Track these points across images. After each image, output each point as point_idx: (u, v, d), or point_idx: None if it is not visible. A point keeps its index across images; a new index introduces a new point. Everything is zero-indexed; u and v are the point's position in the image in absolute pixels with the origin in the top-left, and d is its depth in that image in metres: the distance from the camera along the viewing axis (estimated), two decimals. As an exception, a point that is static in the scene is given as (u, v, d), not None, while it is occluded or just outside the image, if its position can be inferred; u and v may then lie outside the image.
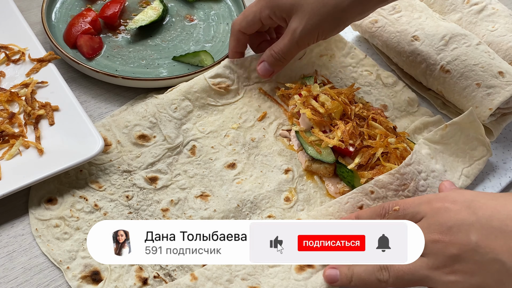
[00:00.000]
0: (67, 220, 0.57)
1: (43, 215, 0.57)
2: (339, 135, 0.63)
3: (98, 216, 0.58)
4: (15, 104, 0.65)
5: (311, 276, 0.54)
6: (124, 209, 0.59)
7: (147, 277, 0.54)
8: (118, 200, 0.60)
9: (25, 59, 0.70)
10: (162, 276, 0.55)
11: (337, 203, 0.59)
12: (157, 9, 0.79)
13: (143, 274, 0.54)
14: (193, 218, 0.59)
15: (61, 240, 0.56)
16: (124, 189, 0.61)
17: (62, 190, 0.60)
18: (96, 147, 0.60)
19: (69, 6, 0.80)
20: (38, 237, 0.56)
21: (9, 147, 0.61)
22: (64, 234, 0.57)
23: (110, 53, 0.75)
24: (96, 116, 0.69)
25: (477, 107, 0.70)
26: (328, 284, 0.53)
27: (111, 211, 0.59)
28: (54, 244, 0.56)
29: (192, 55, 0.75)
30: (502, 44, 0.78)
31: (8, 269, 0.55)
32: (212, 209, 0.60)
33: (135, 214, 0.59)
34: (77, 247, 0.56)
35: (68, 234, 0.57)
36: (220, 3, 0.86)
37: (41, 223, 0.57)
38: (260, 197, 0.62)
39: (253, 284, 0.54)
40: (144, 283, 0.54)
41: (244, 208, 0.61)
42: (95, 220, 0.58)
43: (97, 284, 0.53)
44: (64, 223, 0.57)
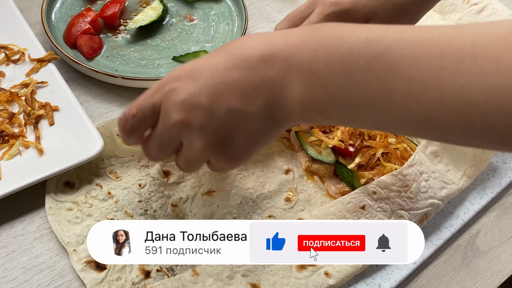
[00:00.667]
0: (80, 206, 0.58)
1: (59, 196, 0.58)
2: (339, 135, 0.63)
3: (110, 204, 0.59)
4: (15, 104, 0.65)
5: (312, 274, 0.55)
6: (135, 197, 0.60)
7: (150, 270, 0.55)
8: (131, 188, 0.60)
9: (25, 59, 0.70)
10: (164, 270, 0.55)
11: (339, 203, 0.59)
12: (157, 9, 0.79)
13: (146, 267, 0.55)
14: (197, 216, 0.59)
15: (72, 223, 0.57)
16: (138, 178, 0.61)
17: (81, 176, 0.60)
18: (96, 147, 0.60)
19: (69, 6, 0.80)
20: (51, 215, 0.57)
21: (9, 147, 0.61)
22: (75, 218, 0.57)
23: (110, 53, 0.75)
24: (96, 116, 0.69)
25: (477, 107, 0.70)
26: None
27: (122, 199, 0.59)
28: (65, 225, 0.57)
29: (192, 55, 0.75)
30: (502, 44, 0.78)
31: (8, 269, 0.55)
32: (215, 205, 0.61)
33: (145, 203, 0.60)
34: (86, 232, 0.56)
35: (80, 219, 0.57)
36: (220, 3, 0.86)
37: (55, 203, 0.58)
38: (262, 196, 0.62)
39: (254, 281, 0.54)
40: (146, 276, 0.54)
41: (246, 206, 0.61)
42: (106, 208, 0.58)
43: (101, 272, 0.54)
44: (77, 208, 0.58)
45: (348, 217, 0.59)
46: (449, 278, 0.61)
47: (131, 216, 0.58)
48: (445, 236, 0.62)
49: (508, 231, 0.66)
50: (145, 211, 0.59)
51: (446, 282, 0.61)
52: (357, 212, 0.59)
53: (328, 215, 0.59)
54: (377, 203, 0.59)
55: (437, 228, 0.63)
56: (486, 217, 0.67)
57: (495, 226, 0.66)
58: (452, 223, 0.64)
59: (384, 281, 0.58)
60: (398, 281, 0.58)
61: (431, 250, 0.61)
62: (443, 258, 0.63)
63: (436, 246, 0.61)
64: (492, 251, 0.64)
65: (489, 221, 0.67)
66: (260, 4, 0.91)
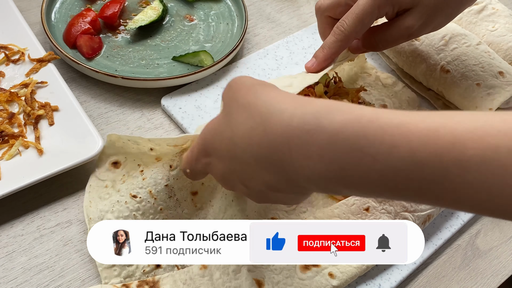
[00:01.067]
0: (116, 183, 0.58)
1: (102, 175, 0.59)
2: None
3: (138, 181, 0.57)
4: (15, 104, 0.65)
5: (316, 275, 0.55)
6: (162, 178, 0.57)
7: None
8: (160, 168, 0.58)
9: (25, 59, 0.70)
10: None
11: (343, 205, 0.59)
12: (157, 9, 0.79)
13: None
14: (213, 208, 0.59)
15: (102, 199, 0.57)
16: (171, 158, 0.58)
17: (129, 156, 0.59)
18: (96, 147, 0.60)
19: (69, 6, 0.80)
20: (88, 192, 0.57)
21: (9, 147, 0.61)
22: (106, 194, 0.57)
23: (110, 53, 0.75)
24: (96, 116, 0.69)
25: (477, 107, 0.70)
26: None
27: (149, 177, 0.57)
28: (94, 201, 0.57)
29: (192, 55, 0.75)
30: (502, 44, 0.78)
31: (7, 269, 0.55)
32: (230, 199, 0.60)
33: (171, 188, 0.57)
34: (108, 207, 0.56)
35: (109, 195, 0.57)
36: (220, 3, 0.86)
37: (96, 182, 0.58)
38: None
39: (258, 277, 0.54)
40: (157, 266, 0.55)
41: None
42: (133, 183, 0.57)
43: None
44: (112, 185, 0.58)
45: (352, 219, 0.59)
46: (449, 278, 0.61)
47: (155, 198, 0.57)
48: (445, 236, 0.62)
49: (508, 231, 0.66)
50: (169, 197, 0.58)
51: (446, 282, 0.61)
52: (361, 214, 0.59)
53: (332, 217, 0.59)
54: (381, 205, 0.59)
55: (437, 228, 0.63)
56: (486, 217, 0.67)
57: (495, 226, 0.66)
58: (452, 223, 0.64)
59: (384, 281, 0.58)
60: (398, 281, 0.58)
61: (431, 250, 0.61)
62: (443, 258, 0.63)
63: (436, 246, 0.62)
64: (492, 251, 0.64)
65: (489, 221, 0.67)
66: (260, 4, 0.91)
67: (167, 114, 0.71)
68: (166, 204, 0.57)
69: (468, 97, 0.71)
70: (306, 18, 0.90)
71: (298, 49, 0.81)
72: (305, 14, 0.91)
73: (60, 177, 0.61)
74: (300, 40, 0.83)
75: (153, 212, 0.57)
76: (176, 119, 0.69)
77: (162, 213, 0.57)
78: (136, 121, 0.70)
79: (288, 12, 0.90)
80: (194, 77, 0.73)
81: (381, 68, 0.82)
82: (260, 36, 0.85)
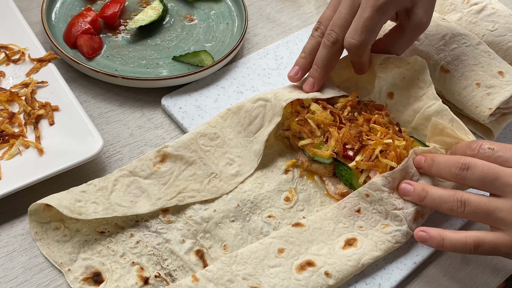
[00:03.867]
0: (66, 222, 0.57)
1: (43, 217, 0.56)
2: (332, 145, 0.62)
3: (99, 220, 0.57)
4: (15, 104, 0.65)
5: (312, 275, 0.55)
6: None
7: (148, 277, 0.54)
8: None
9: (25, 59, 0.70)
10: (163, 276, 0.55)
11: (335, 208, 0.60)
12: (157, 9, 0.80)
13: (144, 273, 0.54)
14: (193, 219, 0.59)
15: (61, 242, 0.56)
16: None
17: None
18: (96, 147, 0.60)
19: (69, 6, 0.80)
20: (38, 240, 0.56)
21: (9, 147, 0.61)
22: (64, 236, 0.56)
23: (110, 53, 0.75)
24: (96, 116, 0.69)
25: (477, 107, 0.70)
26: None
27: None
28: (54, 246, 0.55)
29: (192, 55, 0.75)
30: (502, 44, 0.78)
31: (8, 269, 0.55)
32: (212, 209, 0.60)
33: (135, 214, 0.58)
34: (77, 249, 0.55)
35: (68, 236, 0.56)
36: (220, 3, 0.86)
37: (40, 226, 0.56)
38: (260, 197, 0.62)
39: (254, 284, 0.54)
40: (145, 283, 0.54)
41: (244, 208, 0.61)
42: (94, 221, 0.57)
43: (99, 285, 0.53)
44: (64, 226, 0.56)
45: (345, 222, 0.59)
46: (449, 278, 0.61)
47: (122, 228, 0.57)
48: (445, 236, 0.62)
49: (508, 231, 0.66)
50: (136, 222, 0.58)
51: (446, 282, 0.61)
52: (353, 216, 0.59)
53: (324, 220, 0.59)
54: (371, 205, 0.59)
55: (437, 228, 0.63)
56: (486, 217, 0.67)
57: (495, 226, 0.66)
58: (453, 222, 0.64)
59: (384, 281, 0.58)
60: (398, 280, 0.58)
61: (431, 250, 0.61)
62: (443, 258, 0.63)
63: (436, 245, 0.61)
64: (492, 251, 0.64)
65: (489, 221, 0.67)
66: (260, 4, 0.91)
67: (167, 113, 0.71)
68: (136, 229, 0.58)
69: (468, 96, 0.71)
70: (306, 18, 0.90)
71: (298, 49, 0.81)
72: (305, 14, 0.91)
73: (60, 177, 0.61)
74: (300, 40, 0.83)
75: (125, 239, 0.57)
76: (176, 118, 0.70)
77: (134, 237, 0.57)
78: (136, 121, 0.70)
79: (288, 12, 0.90)
80: (194, 77, 0.73)
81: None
82: (260, 36, 0.85)
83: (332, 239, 0.58)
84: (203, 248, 0.57)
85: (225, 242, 0.58)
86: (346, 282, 0.57)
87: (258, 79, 0.76)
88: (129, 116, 0.70)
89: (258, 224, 0.60)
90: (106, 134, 0.68)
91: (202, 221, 0.59)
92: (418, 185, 0.59)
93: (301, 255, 0.56)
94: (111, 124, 0.69)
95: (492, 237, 0.53)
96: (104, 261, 0.55)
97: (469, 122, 0.75)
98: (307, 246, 0.57)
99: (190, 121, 0.69)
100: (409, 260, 0.60)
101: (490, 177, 0.53)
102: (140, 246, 0.56)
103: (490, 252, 0.53)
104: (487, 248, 0.53)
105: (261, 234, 0.60)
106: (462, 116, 0.76)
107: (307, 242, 0.57)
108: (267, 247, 0.56)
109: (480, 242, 0.53)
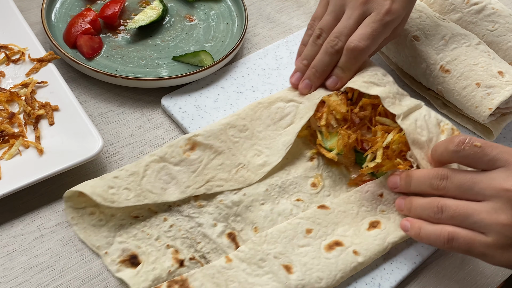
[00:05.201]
0: (101, 208, 0.58)
1: (78, 203, 0.58)
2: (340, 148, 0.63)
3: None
4: (15, 104, 0.65)
5: (341, 253, 0.56)
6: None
7: (183, 259, 0.56)
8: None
9: (25, 59, 0.70)
10: (197, 258, 0.56)
11: (358, 192, 0.62)
12: (157, 9, 0.80)
13: (179, 256, 0.56)
14: (224, 203, 0.60)
15: (97, 226, 0.57)
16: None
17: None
18: (96, 147, 0.60)
19: (69, 6, 0.80)
20: (75, 225, 0.57)
21: (9, 147, 0.61)
22: (99, 221, 0.57)
23: (110, 53, 0.75)
24: (96, 116, 0.69)
25: (477, 107, 0.70)
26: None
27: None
28: (91, 230, 0.57)
29: (192, 55, 0.75)
30: (502, 44, 0.78)
31: (8, 269, 0.55)
32: (242, 193, 0.61)
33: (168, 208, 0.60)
34: (113, 232, 0.57)
35: (104, 221, 0.57)
36: (220, 3, 0.86)
37: (76, 212, 0.58)
38: (287, 182, 0.63)
39: (286, 262, 0.55)
40: (181, 265, 0.56)
41: (273, 192, 0.62)
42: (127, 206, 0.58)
43: (136, 267, 0.55)
44: (99, 211, 0.58)
45: (367, 205, 0.61)
46: (449, 278, 0.61)
47: (156, 212, 0.59)
48: (445, 236, 0.62)
49: (508, 231, 0.66)
50: (168, 207, 0.59)
51: (446, 282, 0.61)
52: (375, 200, 0.61)
53: (348, 203, 0.61)
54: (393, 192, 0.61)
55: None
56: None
57: (495, 226, 0.66)
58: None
59: (384, 281, 0.58)
60: (398, 280, 0.58)
61: (431, 250, 0.61)
62: (443, 258, 0.63)
63: (436, 245, 0.62)
64: (492, 251, 0.64)
65: (489, 221, 0.67)
66: (260, 4, 0.91)
67: (167, 113, 0.71)
68: (169, 213, 0.59)
69: (468, 96, 0.71)
70: (306, 18, 0.90)
71: (298, 49, 0.81)
72: (305, 14, 0.91)
73: (60, 177, 0.61)
74: (300, 40, 0.83)
75: (159, 223, 0.58)
76: (176, 118, 0.70)
77: (168, 221, 0.59)
78: (136, 121, 0.70)
79: (288, 12, 0.90)
80: (194, 77, 0.73)
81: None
82: (260, 36, 0.85)
83: (357, 222, 0.60)
84: (235, 231, 0.59)
85: (256, 224, 0.60)
86: (346, 282, 0.57)
87: (258, 79, 0.76)
88: (129, 116, 0.70)
89: (288, 206, 0.61)
90: (106, 134, 0.68)
91: (232, 205, 0.60)
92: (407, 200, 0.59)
93: (328, 236, 0.58)
94: (111, 124, 0.69)
95: (469, 233, 0.52)
96: (140, 244, 0.56)
97: (469, 122, 0.75)
98: (333, 228, 0.59)
99: (190, 121, 0.69)
100: (409, 260, 0.60)
101: (468, 183, 0.53)
102: (173, 230, 0.58)
103: (464, 248, 0.52)
104: (461, 243, 0.52)
105: (291, 216, 0.61)
106: (462, 116, 0.76)
107: (333, 224, 0.59)
108: (295, 227, 0.58)
109: (455, 236, 0.52)
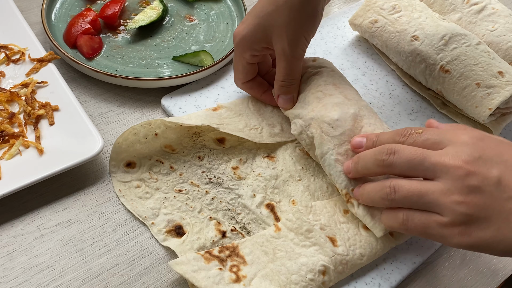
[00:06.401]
0: (146, 182, 0.61)
1: (124, 177, 0.61)
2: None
3: (174, 177, 0.62)
4: (15, 104, 0.65)
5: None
6: (197, 169, 0.63)
7: (225, 230, 0.58)
8: (191, 161, 0.64)
9: (25, 59, 0.70)
10: (238, 229, 0.59)
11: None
12: (157, 9, 0.80)
13: (221, 227, 0.58)
14: (262, 175, 0.63)
15: (144, 199, 0.60)
16: (196, 151, 0.65)
17: (140, 154, 0.63)
18: (96, 147, 0.60)
19: (69, 6, 0.80)
20: (122, 196, 0.60)
21: (9, 147, 0.61)
22: (145, 193, 0.61)
23: (110, 53, 0.75)
24: (96, 116, 0.69)
25: (477, 107, 0.70)
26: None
27: (185, 171, 0.63)
28: (138, 202, 0.60)
29: (192, 55, 0.75)
30: (502, 44, 0.78)
31: (8, 269, 0.55)
32: (279, 168, 0.64)
33: (208, 172, 0.63)
34: (159, 205, 0.60)
35: (149, 194, 0.61)
36: (220, 3, 0.86)
37: (123, 185, 0.61)
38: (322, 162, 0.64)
39: (330, 234, 0.57)
40: (223, 236, 0.58)
41: (309, 170, 0.64)
42: (172, 180, 0.62)
43: (181, 237, 0.57)
44: (145, 184, 0.61)
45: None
46: (449, 278, 0.61)
47: (198, 186, 0.62)
48: (445, 236, 0.62)
49: (508, 231, 0.66)
50: (209, 180, 0.63)
51: (446, 282, 0.61)
52: None
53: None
54: None
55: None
56: (486, 217, 0.67)
57: (495, 226, 0.66)
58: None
59: (384, 281, 0.58)
60: (398, 280, 0.58)
61: (431, 250, 0.61)
62: (443, 258, 0.63)
63: (436, 246, 0.62)
64: (492, 251, 0.64)
65: (489, 221, 0.67)
66: (260, 4, 0.91)
67: (167, 114, 0.71)
68: (210, 186, 0.62)
69: (468, 96, 0.71)
70: (306, 18, 0.90)
71: (298, 49, 0.81)
72: (305, 14, 0.90)
73: (60, 177, 0.61)
74: (300, 40, 0.83)
75: (201, 196, 0.61)
76: (176, 119, 0.70)
77: (209, 194, 0.61)
78: (136, 121, 0.70)
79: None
80: (194, 77, 0.73)
81: (380, 68, 0.82)
82: (260, 36, 0.85)
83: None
84: (273, 202, 0.61)
85: (294, 198, 0.62)
86: (346, 282, 0.57)
87: (258, 79, 0.76)
88: (129, 116, 0.70)
89: (323, 184, 0.63)
90: (106, 134, 0.68)
91: (270, 178, 0.63)
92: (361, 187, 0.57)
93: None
94: (111, 124, 0.69)
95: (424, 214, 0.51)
96: (184, 216, 0.59)
97: (469, 122, 0.75)
98: None
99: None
100: (409, 260, 0.60)
101: (418, 158, 0.51)
102: (215, 202, 0.61)
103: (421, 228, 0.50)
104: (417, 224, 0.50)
105: (327, 193, 0.63)
106: (462, 116, 0.76)
107: None
108: (335, 204, 0.60)
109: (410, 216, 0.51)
